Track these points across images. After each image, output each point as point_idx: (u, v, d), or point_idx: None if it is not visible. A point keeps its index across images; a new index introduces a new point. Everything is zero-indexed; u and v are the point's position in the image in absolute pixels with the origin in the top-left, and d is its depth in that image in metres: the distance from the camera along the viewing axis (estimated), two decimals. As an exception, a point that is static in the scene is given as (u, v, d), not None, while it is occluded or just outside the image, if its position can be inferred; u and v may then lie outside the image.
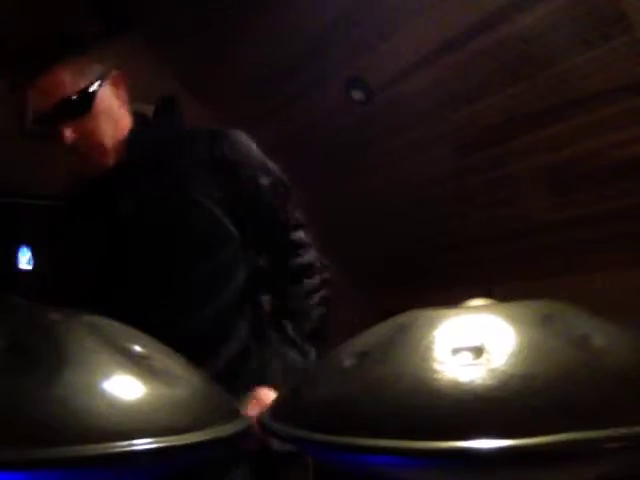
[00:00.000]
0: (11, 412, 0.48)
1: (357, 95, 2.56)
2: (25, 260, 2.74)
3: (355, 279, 3.59)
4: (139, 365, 0.59)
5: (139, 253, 1.06)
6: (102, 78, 1.08)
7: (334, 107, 2.69)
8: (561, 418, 0.44)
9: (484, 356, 0.49)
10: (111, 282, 1.07)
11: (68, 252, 1.15)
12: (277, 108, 2.96)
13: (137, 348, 0.63)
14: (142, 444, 0.50)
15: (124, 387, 0.54)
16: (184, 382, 0.61)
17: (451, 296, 0.73)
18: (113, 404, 0.52)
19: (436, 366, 0.50)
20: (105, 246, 1.08)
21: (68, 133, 1.04)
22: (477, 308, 0.61)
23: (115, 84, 1.12)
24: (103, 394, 0.53)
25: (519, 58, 1.99)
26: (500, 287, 2.45)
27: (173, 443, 0.52)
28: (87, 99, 1.05)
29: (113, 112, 1.12)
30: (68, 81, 1.03)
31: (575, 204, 2.29)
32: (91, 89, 1.06)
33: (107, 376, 0.55)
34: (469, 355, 0.50)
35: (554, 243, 2.48)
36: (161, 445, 0.51)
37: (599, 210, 2.23)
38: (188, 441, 0.53)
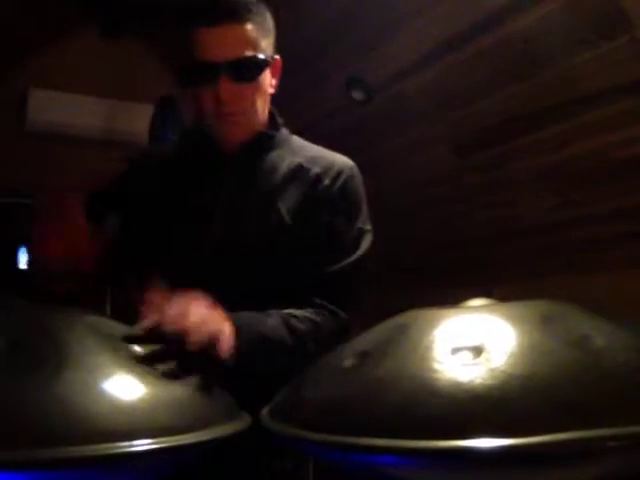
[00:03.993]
0: (11, 412, 0.48)
1: (357, 95, 2.56)
2: (25, 260, 2.74)
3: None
4: (139, 365, 0.59)
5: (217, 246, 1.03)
6: (272, 57, 1.07)
7: (334, 107, 2.69)
8: (561, 418, 0.44)
9: (484, 356, 0.49)
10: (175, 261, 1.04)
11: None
12: (276, 108, 2.96)
13: (137, 348, 0.63)
14: (142, 444, 0.50)
15: (124, 387, 0.54)
16: (184, 382, 0.61)
17: (451, 296, 0.73)
18: (113, 404, 0.52)
19: (436, 366, 0.50)
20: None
21: (228, 90, 0.99)
22: (477, 308, 0.61)
23: (276, 68, 1.11)
24: (103, 394, 0.53)
25: (519, 58, 1.99)
26: (500, 287, 2.45)
27: (173, 443, 0.52)
28: (259, 68, 1.03)
29: (267, 93, 1.10)
30: (254, 41, 1.01)
31: (575, 204, 2.29)
32: (266, 60, 1.04)
33: (107, 376, 0.55)
34: (469, 355, 0.50)
35: (554, 243, 2.47)
36: (161, 445, 0.51)
37: (599, 210, 2.23)
38: (188, 441, 0.53)
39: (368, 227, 1.10)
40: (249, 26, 1.00)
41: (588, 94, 1.93)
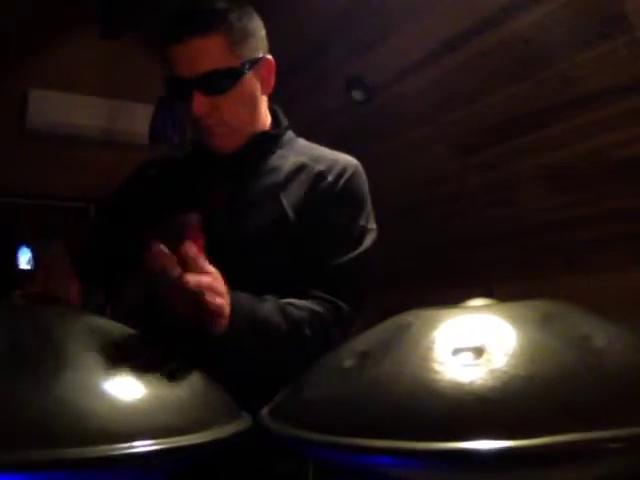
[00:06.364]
0: (10, 413, 0.48)
1: (357, 95, 2.56)
2: (25, 260, 2.74)
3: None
4: (139, 365, 0.59)
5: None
6: (254, 62, 1.04)
7: (334, 107, 2.69)
8: (561, 418, 0.44)
9: (484, 356, 0.49)
10: None
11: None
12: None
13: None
14: (142, 445, 0.50)
15: (124, 387, 0.54)
16: (184, 383, 0.61)
17: (451, 296, 0.72)
18: (113, 405, 0.52)
19: (436, 366, 0.50)
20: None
21: (201, 104, 0.99)
22: (477, 308, 0.61)
23: (266, 70, 1.08)
24: (103, 395, 0.53)
25: (519, 58, 1.99)
26: (500, 287, 2.45)
27: (173, 444, 0.52)
28: (233, 78, 1.01)
29: (254, 98, 1.07)
30: (225, 51, 0.99)
31: (575, 204, 2.29)
32: (240, 69, 1.01)
33: (107, 376, 0.54)
34: (469, 355, 0.50)
35: (554, 243, 2.48)
36: (161, 446, 0.51)
37: (599, 210, 2.23)
38: (188, 442, 0.53)
39: (371, 226, 1.10)
40: (218, 36, 0.99)
41: (588, 94, 1.93)
